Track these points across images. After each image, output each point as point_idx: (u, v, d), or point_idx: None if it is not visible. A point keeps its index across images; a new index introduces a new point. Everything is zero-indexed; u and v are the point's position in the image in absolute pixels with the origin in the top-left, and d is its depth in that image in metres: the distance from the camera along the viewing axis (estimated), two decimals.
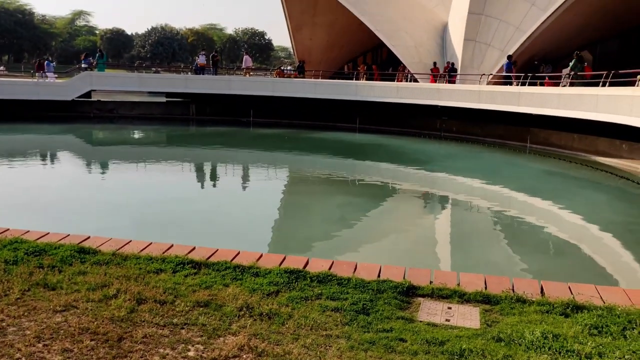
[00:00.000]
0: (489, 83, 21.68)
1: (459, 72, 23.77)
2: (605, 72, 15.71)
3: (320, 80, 26.32)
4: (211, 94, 26.28)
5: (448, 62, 24.53)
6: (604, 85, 15.40)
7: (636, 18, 22.04)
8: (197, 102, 27.44)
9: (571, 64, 18.33)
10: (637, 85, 14.04)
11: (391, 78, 25.73)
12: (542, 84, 19.95)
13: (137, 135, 24.91)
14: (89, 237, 5.33)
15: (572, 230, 9.96)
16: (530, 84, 19.38)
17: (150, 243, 5.24)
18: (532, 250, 8.68)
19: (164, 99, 28.89)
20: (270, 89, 25.85)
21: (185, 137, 24.36)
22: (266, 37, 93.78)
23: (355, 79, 26.09)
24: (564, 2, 18.79)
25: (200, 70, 28.14)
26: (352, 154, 19.66)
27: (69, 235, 5.37)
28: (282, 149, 20.72)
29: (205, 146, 21.24)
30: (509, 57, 20.98)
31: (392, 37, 25.44)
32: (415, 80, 24.66)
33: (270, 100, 25.85)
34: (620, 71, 15.49)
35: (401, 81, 25.35)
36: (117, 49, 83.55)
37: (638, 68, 14.95)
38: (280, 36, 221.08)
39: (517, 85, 19.72)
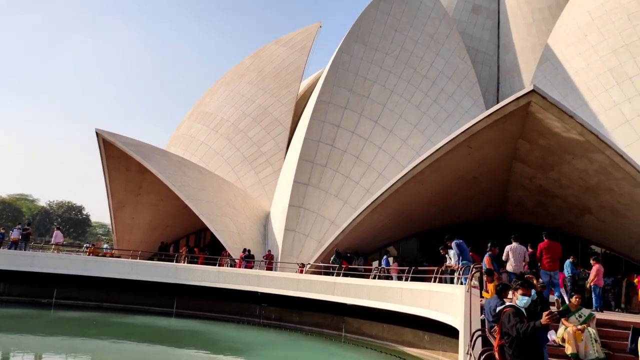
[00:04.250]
0: (307, 272, 22.57)
1: (279, 260, 24.55)
2: (407, 267, 17.38)
3: (137, 261, 25.14)
4: (6, 271, 23.43)
5: (269, 251, 25.34)
6: (406, 279, 16.90)
7: (428, 223, 25.49)
8: None
9: (332, 258, 20.99)
10: (433, 281, 15.64)
11: (214, 262, 25.57)
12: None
13: None
14: None
15: None
16: (345, 275, 20.59)
17: None
18: None
19: None
20: (81, 267, 23.95)
21: None
22: (84, 212, 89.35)
23: (176, 262, 25.48)
24: (370, 204, 21.16)
25: (13, 245, 25.38)
26: (165, 341, 18.28)
27: None
28: (85, 335, 18.59)
29: None
30: (387, 252, 22.29)
31: (216, 222, 25.88)
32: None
33: (80, 279, 23.77)
34: (419, 267, 17.27)
35: (223, 265, 25.28)
36: None
37: (433, 265, 16.83)
38: (100, 212, 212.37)
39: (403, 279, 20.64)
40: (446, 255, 14.67)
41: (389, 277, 20.65)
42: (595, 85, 26.33)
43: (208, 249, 29.85)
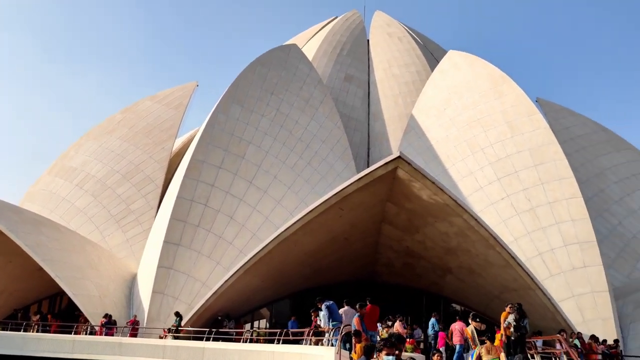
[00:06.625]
0: (176, 338, 21.30)
1: (144, 325, 23.01)
2: (279, 329, 17.08)
3: None
4: None
5: (134, 316, 23.69)
6: (278, 342, 16.57)
7: (302, 283, 25.51)
8: None
9: (175, 320, 21.03)
10: (304, 344, 15.49)
11: (70, 330, 23.28)
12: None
13: None
14: None
15: None
16: (215, 339, 19.69)
17: None
18: None
19: None
20: None
21: None
22: None
23: (25, 331, 22.87)
24: (243, 265, 20.76)
25: None
26: None
27: None
28: None
29: None
30: (293, 316, 21.13)
31: (75, 285, 23.76)
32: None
33: None
34: (291, 330, 17.05)
35: (80, 333, 23.10)
36: None
37: (306, 327, 16.68)
38: None
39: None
40: (317, 318, 14.65)
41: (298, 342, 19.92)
42: (453, 154, 28.79)
43: (65, 315, 27.22)
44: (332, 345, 12.69)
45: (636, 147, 33.73)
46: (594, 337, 18.60)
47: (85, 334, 23.03)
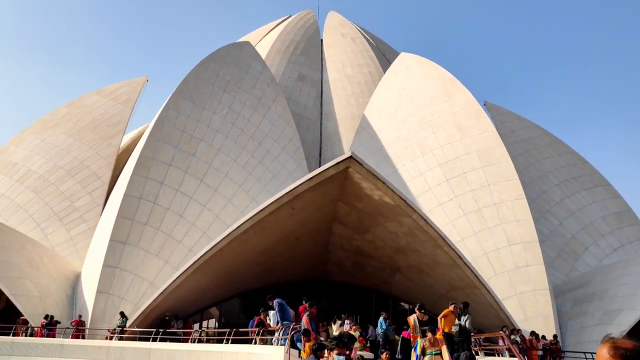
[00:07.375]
0: (121, 339, 20.78)
1: (88, 326, 22.32)
2: (228, 329, 16.90)
3: None
4: None
5: (79, 316, 22.93)
6: (227, 342, 16.39)
7: (253, 282, 25.37)
8: None
9: (120, 320, 20.91)
10: (253, 343, 15.39)
11: (8, 332, 22.29)
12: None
13: None
14: None
15: None
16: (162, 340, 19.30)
17: None
18: None
19: None
20: None
21: None
22: None
23: None
24: (192, 264, 20.43)
25: None
26: None
27: None
28: None
29: None
30: (257, 317, 20.65)
31: (14, 285, 22.81)
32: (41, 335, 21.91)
33: None
34: (240, 329, 16.89)
35: (19, 335, 22.16)
36: None
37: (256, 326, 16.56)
38: None
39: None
40: (267, 317, 14.59)
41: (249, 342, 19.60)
42: (404, 155, 29.24)
43: (2, 316, 26.05)
44: (281, 344, 12.65)
45: (576, 151, 35.23)
46: (534, 334, 19.31)
47: (25, 335, 22.14)
